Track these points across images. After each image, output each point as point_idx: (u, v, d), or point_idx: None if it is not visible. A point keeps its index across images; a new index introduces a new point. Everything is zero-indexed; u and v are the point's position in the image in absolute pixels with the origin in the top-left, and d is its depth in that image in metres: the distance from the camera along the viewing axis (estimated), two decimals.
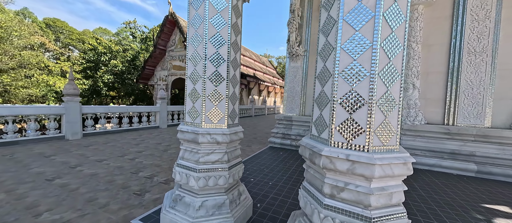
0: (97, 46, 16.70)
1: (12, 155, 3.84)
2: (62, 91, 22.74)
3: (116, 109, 6.68)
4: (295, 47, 4.86)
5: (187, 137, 1.78)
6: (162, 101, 8.26)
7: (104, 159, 3.79)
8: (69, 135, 5.43)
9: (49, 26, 37.35)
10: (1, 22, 14.57)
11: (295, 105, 5.16)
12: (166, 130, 7.71)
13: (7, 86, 14.57)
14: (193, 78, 1.82)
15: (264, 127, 9.67)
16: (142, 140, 5.62)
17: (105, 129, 6.40)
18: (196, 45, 1.82)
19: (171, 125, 8.70)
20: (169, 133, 6.94)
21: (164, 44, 16.34)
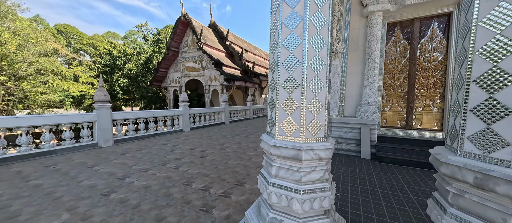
0: (112, 50, 16.84)
1: (55, 166, 3.77)
2: (77, 96, 23.22)
3: (143, 114, 6.60)
4: (335, 44, 4.59)
5: (286, 153, 1.56)
6: (184, 104, 8.15)
7: (148, 169, 3.66)
8: (101, 142, 5.37)
9: (60, 32, 38.17)
10: (19, 30, 14.85)
11: (334, 106, 4.89)
12: (191, 133, 7.60)
13: (27, 93, 14.89)
14: (288, 86, 1.60)
15: None
16: (174, 146, 5.50)
17: (134, 135, 6.34)
18: (292, 48, 1.60)
19: (194, 128, 8.59)
20: (196, 137, 6.81)
21: (177, 45, 16.28)
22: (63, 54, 31.59)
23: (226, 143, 5.81)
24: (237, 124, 10.79)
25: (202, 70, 15.46)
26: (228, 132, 7.84)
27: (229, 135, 7.28)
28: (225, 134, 7.48)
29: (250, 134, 7.40)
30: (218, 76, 14.53)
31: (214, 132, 7.82)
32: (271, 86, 1.71)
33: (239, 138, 6.69)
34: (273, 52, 1.69)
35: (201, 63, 15.48)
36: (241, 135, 7.18)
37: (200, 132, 7.98)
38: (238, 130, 8.35)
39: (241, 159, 4.29)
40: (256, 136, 7.01)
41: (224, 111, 10.79)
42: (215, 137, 6.76)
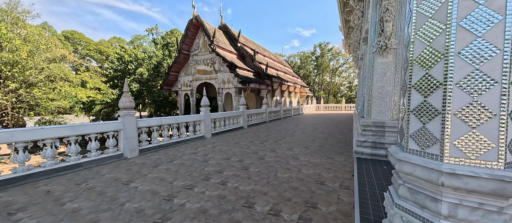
0: (123, 55, 16.64)
1: (86, 183, 3.34)
2: (87, 102, 23.08)
3: (167, 121, 6.18)
4: (391, 39, 4.11)
5: (477, 186, 1.07)
6: (206, 109, 7.72)
7: (192, 185, 3.20)
8: (127, 153, 4.94)
9: (67, 38, 38.48)
10: (30, 37, 14.73)
11: (386, 108, 4.39)
12: (215, 140, 7.15)
13: (38, 99, 14.69)
14: (472, 85, 1.11)
15: (311, 131, 8.92)
16: (205, 155, 5.05)
17: (158, 143, 5.91)
18: (480, 29, 1.11)
19: (215, 134, 8.15)
20: (222, 144, 6.35)
21: (188, 48, 15.98)
22: (70, 60, 31.70)
23: (259, 151, 5.34)
24: (256, 128, 10.32)
25: (214, 73, 15.09)
26: (253, 138, 7.37)
27: (257, 141, 6.80)
28: (252, 139, 7.01)
29: (278, 140, 6.91)
30: (232, 78, 14.14)
31: (239, 138, 7.36)
32: (423, 85, 1.23)
33: (269, 144, 6.21)
34: (430, 39, 1.21)
35: (213, 65, 15.12)
36: (270, 141, 6.70)
37: (223, 138, 7.53)
38: (262, 135, 7.87)
39: (289, 171, 3.80)
40: (286, 143, 6.52)
41: (242, 115, 10.34)
42: (243, 144, 6.29)
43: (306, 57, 55.56)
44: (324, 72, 52.89)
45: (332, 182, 3.22)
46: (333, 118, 15.44)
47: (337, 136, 7.49)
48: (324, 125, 10.82)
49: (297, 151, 5.28)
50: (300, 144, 6.18)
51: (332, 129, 9.42)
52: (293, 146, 5.84)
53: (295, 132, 8.69)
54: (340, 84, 56.58)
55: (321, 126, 10.41)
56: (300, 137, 7.30)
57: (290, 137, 7.46)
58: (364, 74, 7.24)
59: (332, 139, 6.92)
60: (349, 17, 13.25)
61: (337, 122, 12.52)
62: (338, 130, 9.09)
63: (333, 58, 52.16)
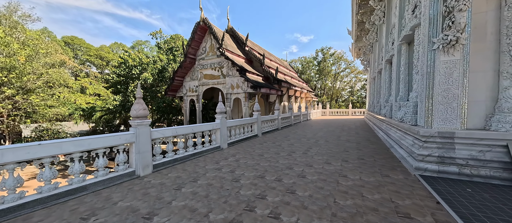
0: (127, 59, 15.95)
1: (95, 218, 2.55)
2: (87, 108, 22.29)
3: (182, 131, 5.42)
4: (464, 32, 3.44)
5: None
6: (222, 116, 6.98)
7: (237, 220, 2.43)
8: (140, 170, 4.16)
9: (67, 44, 37.93)
10: (29, 41, 14.06)
11: (453, 115, 3.68)
12: (233, 151, 6.38)
13: (36, 106, 13.88)
14: None
15: (334, 139, 8.17)
16: (232, 171, 4.28)
17: (173, 156, 5.14)
18: None
19: (231, 144, 7.38)
20: (243, 155, 5.58)
21: (194, 52, 15.36)
22: (70, 66, 31.02)
23: (294, 166, 4.58)
24: (271, 136, 9.57)
25: (222, 77, 14.42)
26: (275, 148, 6.60)
27: (282, 152, 6.04)
28: (275, 150, 6.24)
29: (306, 151, 6.15)
30: (241, 83, 13.46)
31: (259, 148, 6.59)
32: None
33: (299, 156, 5.45)
34: None
35: (221, 70, 14.47)
36: (297, 152, 5.94)
37: (241, 148, 6.77)
38: (284, 145, 7.11)
39: (350, 195, 3.05)
40: (317, 154, 5.75)
41: (256, 121, 9.60)
42: (269, 157, 5.53)
43: (308, 62, 55.35)
44: (327, 77, 52.58)
45: (421, 215, 2.46)
46: (347, 123, 14.73)
47: (369, 145, 6.74)
48: (344, 132, 10.09)
49: (338, 165, 4.52)
50: (334, 156, 5.43)
51: (355, 136, 8.68)
52: (328, 159, 5.09)
53: (317, 140, 7.93)
54: (341, 89, 56.26)
55: (341, 133, 9.67)
56: (328, 147, 6.55)
57: (316, 147, 6.71)
58: (398, 75, 6.57)
59: (365, 149, 6.17)
60: (364, 19, 12.75)
61: (354, 128, 11.79)
62: (363, 137, 8.35)
63: (335, 62, 51.97)
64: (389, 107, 7.41)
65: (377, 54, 11.77)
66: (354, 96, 55.17)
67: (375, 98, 11.75)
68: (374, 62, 13.57)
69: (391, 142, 6.17)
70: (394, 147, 5.58)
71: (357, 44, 18.10)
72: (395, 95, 6.72)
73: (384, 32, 9.35)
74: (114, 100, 15.59)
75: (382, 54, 10.10)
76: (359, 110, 27.08)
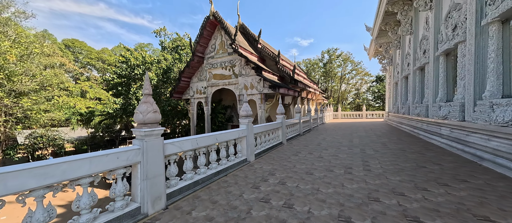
0: (129, 58, 14.59)
1: None
2: (86, 113, 20.78)
3: (204, 141, 3.94)
4: None
5: None
6: (248, 121, 5.50)
7: None
8: (148, 205, 2.68)
9: (68, 47, 36.92)
10: (22, 39, 12.79)
11: None
12: (264, 164, 4.89)
13: (27, 111, 12.49)
14: None
15: (380, 147, 6.64)
16: (289, 206, 2.78)
17: (192, 178, 3.66)
18: None
19: (258, 155, 5.90)
20: (281, 172, 4.09)
21: (202, 50, 14.01)
22: (70, 69, 29.87)
23: (375, 193, 3.07)
24: (296, 142, 8.11)
25: (233, 77, 13.01)
26: (318, 160, 5.10)
27: (336, 169, 4.53)
28: (324, 164, 4.73)
29: (366, 165, 4.64)
30: (256, 83, 12.03)
31: (296, 161, 5.09)
32: None
33: (361, 174, 3.95)
34: None
35: (232, 69, 13.07)
36: (355, 168, 4.43)
37: (273, 160, 5.29)
38: (323, 154, 5.61)
39: None
40: (382, 170, 4.24)
41: (281, 126, 8.12)
42: (321, 176, 4.03)
43: (313, 63, 54.08)
44: (334, 78, 51.21)
45: None
46: (370, 126, 13.19)
47: (442, 156, 5.21)
48: (383, 138, 8.55)
49: (441, 192, 3.01)
50: (414, 173, 3.91)
51: (400, 143, 7.14)
52: (414, 180, 3.57)
53: (362, 149, 6.42)
54: (348, 91, 54.82)
55: (381, 139, 8.13)
56: (388, 159, 5.03)
57: (371, 159, 5.19)
58: (481, 66, 5.07)
59: (446, 163, 4.64)
60: (395, 9, 11.33)
61: (386, 132, 10.25)
62: (412, 143, 6.80)
63: (342, 64, 50.64)
64: (458, 107, 5.90)
65: (416, 46, 10.29)
66: (360, 98, 53.67)
67: (415, 97, 10.22)
68: (404, 58, 12.09)
69: (476, 153, 4.65)
70: (496, 162, 4.06)
71: (378, 41, 16.68)
72: (474, 92, 5.20)
73: (432, 20, 7.91)
74: (114, 103, 14.15)
75: (428, 46, 8.63)
76: (376, 113, 25.49)
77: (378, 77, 49.70)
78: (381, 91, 45.96)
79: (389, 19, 13.34)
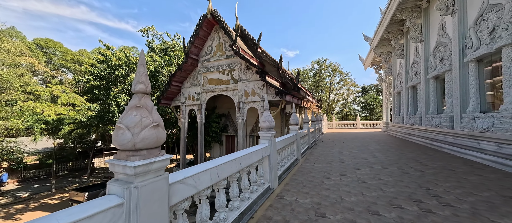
0: (110, 57, 12.54)
1: None
2: (53, 120, 17.42)
3: (227, 169, 2.54)
4: None
5: None
6: (272, 135, 4.18)
7: None
8: None
9: (40, 46, 33.20)
10: None
11: None
12: (297, 196, 3.57)
13: None
14: None
15: (414, 164, 5.62)
16: None
17: None
18: None
19: (280, 178, 4.57)
20: (327, 210, 2.80)
21: (197, 52, 12.60)
22: (40, 70, 26.57)
23: None
24: (311, 158, 6.91)
25: (232, 82, 11.69)
26: (366, 188, 3.88)
27: (401, 201, 3.33)
28: (376, 193, 3.51)
29: (425, 192, 3.50)
30: (258, 89, 10.82)
31: (335, 188, 3.84)
32: None
33: (437, 209, 2.78)
34: None
35: (231, 73, 11.77)
36: (425, 199, 3.27)
37: (300, 187, 4.00)
38: (366, 179, 4.41)
39: None
40: (455, 201, 3.13)
41: (296, 140, 6.88)
42: (395, 217, 2.80)
43: (303, 73, 54.55)
44: (323, 88, 51.82)
45: None
46: (376, 137, 12.46)
47: (482, 174, 4.26)
48: (407, 152, 7.64)
49: None
50: (475, 201, 2.83)
51: (429, 159, 6.21)
52: None
53: (401, 168, 5.35)
54: (336, 101, 55.71)
55: (406, 154, 7.19)
56: (429, 179, 3.96)
57: (427, 183, 4.08)
58: None
59: (489, 182, 3.67)
60: (404, 16, 10.95)
61: (400, 145, 9.45)
62: (435, 159, 5.89)
63: (331, 74, 51.57)
64: (509, 119, 5.09)
65: (427, 54, 9.78)
66: (347, 108, 54.71)
67: (430, 108, 9.59)
68: (410, 67, 11.63)
69: None
70: None
71: (378, 50, 16.48)
72: None
73: (453, 25, 7.36)
74: (89, 109, 11.86)
75: (446, 53, 8.07)
76: (372, 123, 25.34)
77: (364, 88, 51.13)
78: (367, 101, 47.07)
79: (393, 27, 13.07)
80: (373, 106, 43.89)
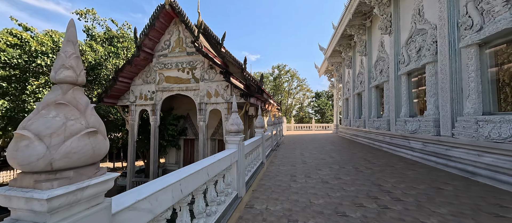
0: (28, 40, 9.41)
1: None
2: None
3: (192, 182, 2.11)
4: None
5: None
6: (240, 139, 3.89)
7: None
8: None
9: None
10: None
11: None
12: (267, 203, 3.43)
13: None
14: None
15: (360, 162, 6.34)
16: None
17: None
18: None
19: (247, 184, 4.34)
20: (299, 216, 2.77)
21: (152, 46, 11.21)
22: None
23: None
24: (277, 161, 6.97)
25: (193, 81, 10.86)
26: (331, 189, 4.05)
27: (363, 199, 3.55)
28: (340, 193, 3.67)
29: (380, 185, 3.90)
30: (222, 90, 10.37)
31: (303, 191, 3.88)
32: None
33: (395, 201, 3.12)
34: None
35: (192, 72, 10.93)
36: (381, 196, 3.59)
37: (269, 192, 3.89)
38: (328, 179, 4.64)
39: None
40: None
41: (261, 143, 6.78)
42: (360, 216, 2.95)
43: (264, 77, 56.39)
44: (283, 92, 54.61)
45: None
46: (332, 140, 13.76)
47: (440, 174, 5.18)
48: (356, 152, 8.58)
49: None
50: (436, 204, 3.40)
51: (375, 157, 7.18)
52: None
53: (356, 167, 5.88)
54: (294, 105, 59.68)
55: (356, 154, 8.08)
56: (393, 178, 4.53)
57: (378, 180, 4.57)
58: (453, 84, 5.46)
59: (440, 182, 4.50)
60: (352, 31, 12.46)
61: (350, 146, 10.66)
62: (383, 156, 6.92)
63: (289, 79, 54.93)
64: (431, 123, 6.26)
65: (369, 67, 11.33)
66: (303, 111, 59.46)
67: (372, 112, 11.09)
68: (356, 76, 13.31)
69: (463, 168, 4.76)
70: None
71: (331, 60, 18.34)
72: (453, 107, 5.53)
73: (390, 41, 8.75)
74: None
75: (385, 66, 9.51)
76: (323, 125, 27.97)
77: (317, 94, 56.50)
78: (320, 105, 52.18)
79: (343, 41, 14.76)
80: (324, 110, 48.78)
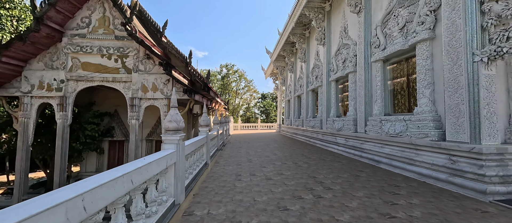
0: None
1: None
2: None
3: (106, 195, 1.57)
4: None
5: None
6: (180, 137, 3.41)
7: None
8: None
9: None
10: None
11: (494, 130, 3.63)
12: (209, 207, 3.17)
13: None
14: None
15: (302, 160, 7.01)
16: None
17: None
18: None
19: (187, 188, 3.91)
20: (242, 217, 2.72)
21: (62, 21, 8.66)
22: None
23: None
24: (222, 161, 6.77)
25: (124, 72, 9.09)
26: (274, 185, 4.16)
27: (301, 192, 3.77)
28: (282, 188, 3.81)
29: (315, 177, 4.32)
30: (162, 84, 9.14)
31: (247, 190, 3.83)
32: None
33: (333, 195, 3.52)
34: None
35: (121, 60, 9.12)
36: (317, 188, 3.95)
37: (212, 195, 3.66)
38: (272, 175, 4.79)
39: None
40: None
41: (206, 143, 6.35)
42: (300, 208, 3.10)
43: (212, 75, 54.60)
44: (231, 92, 54.40)
45: None
46: (276, 139, 14.66)
47: (354, 165, 6.20)
48: (296, 149, 9.38)
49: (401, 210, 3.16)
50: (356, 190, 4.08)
51: (311, 153, 8.12)
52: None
53: (296, 162, 6.36)
54: (241, 105, 60.70)
55: (295, 150, 8.85)
56: (325, 170, 5.15)
57: (315, 173, 5.08)
58: (368, 91, 6.74)
59: (359, 172, 5.47)
60: (294, 39, 13.64)
61: (291, 144, 11.66)
62: (315, 151, 7.96)
63: (237, 79, 55.37)
64: (351, 122, 7.54)
65: (307, 73, 12.68)
66: (250, 111, 61.49)
67: (309, 113, 12.42)
68: (297, 80, 14.71)
69: (372, 158, 5.96)
70: (394, 165, 5.27)
71: (276, 63, 19.57)
72: (367, 109, 6.82)
73: (324, 51, 10.09)
74: None
75: (319, 73, 10.86)
76: (268, 124, 29.53)
77: (263, 95, 59.56)
78: (265, 106, 55.25)
79: (287, 47, 16.01)
80: (269, 111, 51.82)
